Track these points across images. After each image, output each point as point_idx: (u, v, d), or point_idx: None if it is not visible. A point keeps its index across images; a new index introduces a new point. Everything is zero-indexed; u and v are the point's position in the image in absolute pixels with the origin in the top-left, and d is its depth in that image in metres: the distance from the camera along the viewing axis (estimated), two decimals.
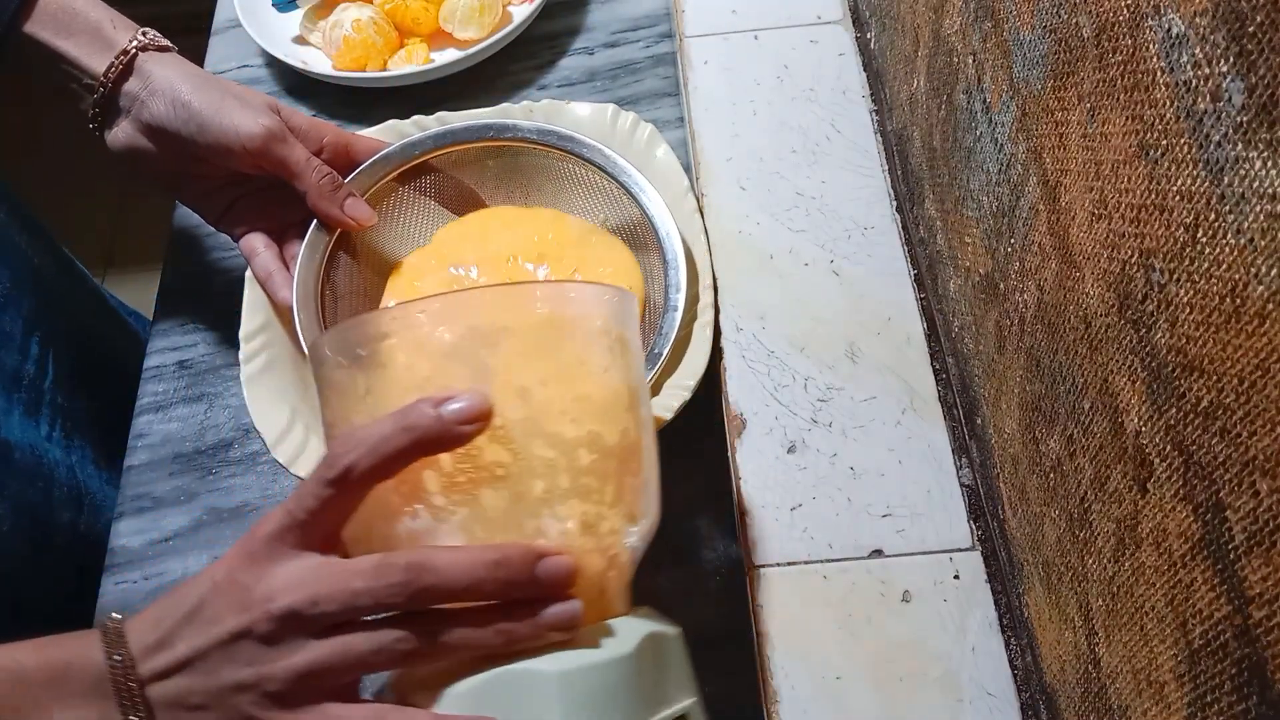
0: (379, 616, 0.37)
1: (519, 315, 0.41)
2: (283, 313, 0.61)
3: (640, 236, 0.64)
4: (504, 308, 0.41)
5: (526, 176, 0.67)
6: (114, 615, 0.39)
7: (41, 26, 0.58)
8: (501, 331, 0.40)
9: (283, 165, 0.59)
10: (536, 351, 0.41)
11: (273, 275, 0.61)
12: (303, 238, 0.61)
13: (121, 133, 0.60)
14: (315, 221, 0.61)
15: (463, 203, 0.68)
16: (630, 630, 0.40)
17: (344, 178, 0.62)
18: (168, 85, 0.58)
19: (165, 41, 0.61)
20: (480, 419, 0.37)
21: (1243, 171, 0.28)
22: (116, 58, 0.58)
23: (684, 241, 0.62)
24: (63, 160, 1.65)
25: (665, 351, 0.58)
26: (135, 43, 0.59)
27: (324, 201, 0.59)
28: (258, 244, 0.62)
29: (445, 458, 0.38)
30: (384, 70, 0.77)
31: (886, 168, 0.68)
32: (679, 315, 0.59)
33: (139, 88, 0.58)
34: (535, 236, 0.64)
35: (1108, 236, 0.37)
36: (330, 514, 0.38)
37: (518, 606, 0.37)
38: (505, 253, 0.64)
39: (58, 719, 0.37)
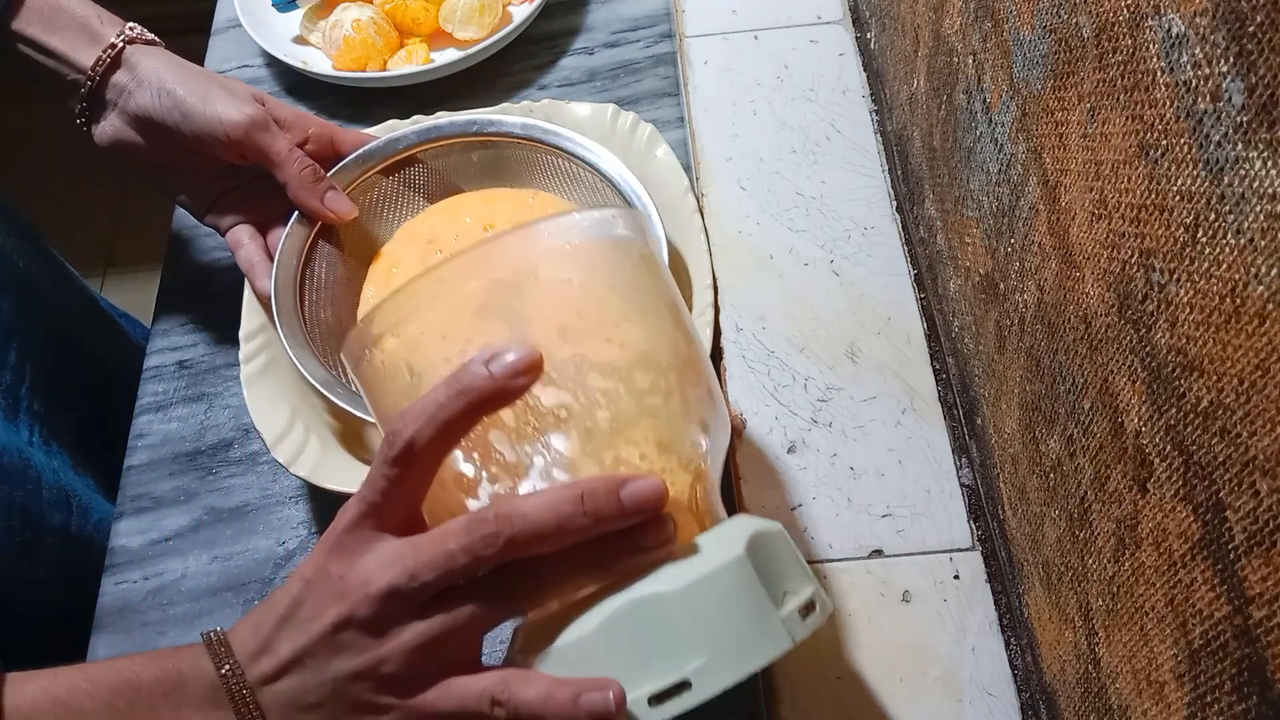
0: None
1: (536, 255, 0.40)
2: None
3: None
4: (519, 252, 0.40)
5: (511, 171, 0.67)
6: (215, 629, 0.39)
7: (29, 23, 0.58)
8: (525, 277, 0.40)
9: (264, 155, 0.59)
10: (564, 287, 0.40)
11: (255, 266, 0.61)
12: None
13: (109, 126, 0.60)
14: (296, 213, 0.61)
15: (447, 196, 0.68)
16: (733, 534, 0.39)
17: (329, 170, 0.62)
18: (154, 75, 0.58)
19: (152, 35, 0.61)
20: (531, 369, 0.37)
21: (1243, 171, 0.28)
22: (104, 51, 0.58)
23: (676, 248, 0.62)
24: (62, 161, 1.65)
25: None
26: (122, 36, 0.59)
27: (304, 193, 0.60)
28: (243, 235, 0.62)
29: (507, 414, 0.38)
30: (384, 70, 0.77)
31: (886, 168, 0.68)
32: None
33: (126, 80, 0.59)
34: (515, 209, 0.65)
35: (1108, 236, 0.37)
36: (403, 492, 0.37)
37: (614, 538, 0.37)
38: (484, 224, 0.64)
39: None
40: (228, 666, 0.37)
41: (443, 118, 0.67)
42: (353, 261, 0.65)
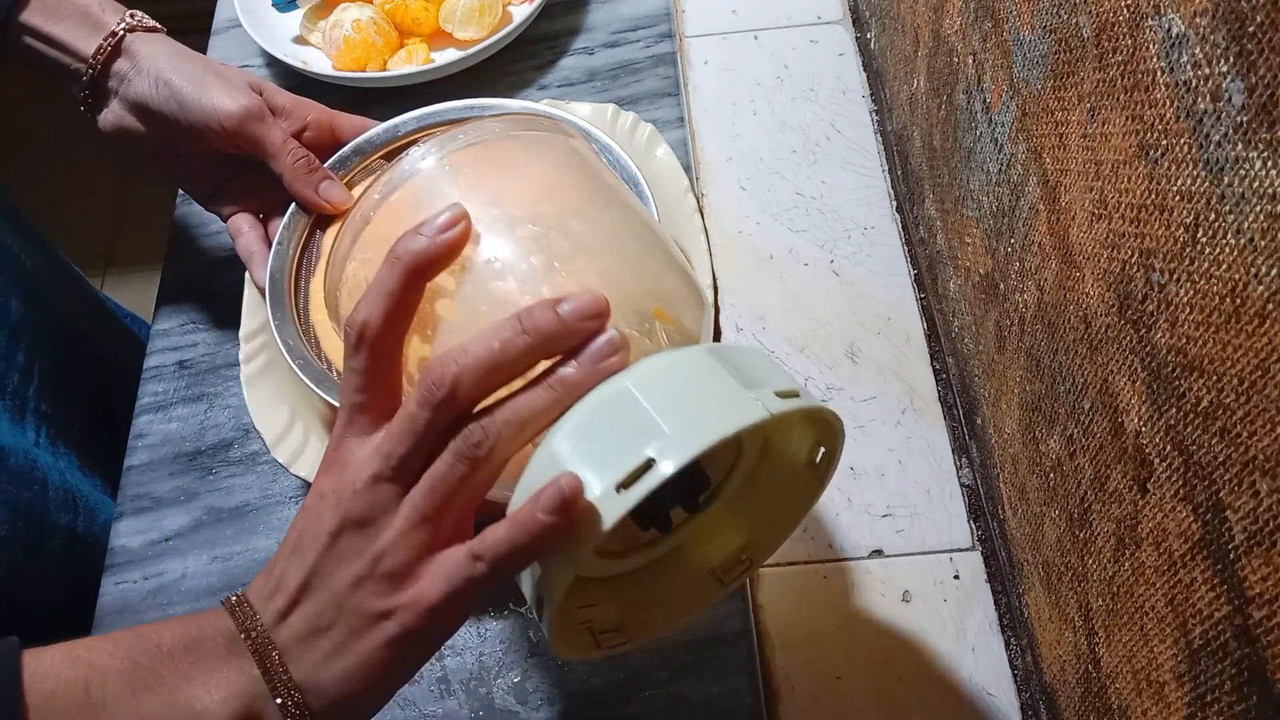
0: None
1: (446, 150, 0.44)
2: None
3: None
4: (427, 152, 0.44)
5: None
6: (235, 593, 0.39)
7: (34, 14, 0.59)
8: (456, 170, 0.43)
9: (259, 145, 0.59)
10: (486, 161, 0.44)
11: (254, 255, 0.61)
12: None
13: (110, 113, 0.60)
14: (294, 202, 0.61)
15: None
16: (702, 344, 0.39)
17: (329, 156, 0.62)
18: (152, 64, 0.59)
19: (153, 23, 0.61)
20: (458, 219, 0.38)
21: (1243, 171, 0.28)
22: (105, 39, 0.59)
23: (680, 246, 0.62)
24: (62, 160, 1.65)
25: None
26: (123, 24, 0.59)
27: (298, 184, 0.60)
28: (243, 224, 0.62)
29: (447, 281, 0.39)
30: (384, 70, 0.77)
31: (886, 168, 0.68)
32: None
33: (127, 67, 0.59)
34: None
35: (1108, 236, 0.37)
36: (376, 382, 0.37)
37: (567, 361, 0.37)
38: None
39: (199, 682, 0.37)
40: (248, 621, 0.37)
41: (444, 104, 0.67)
42: None
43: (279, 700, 0.36)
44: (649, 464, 0.33)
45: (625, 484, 0.34)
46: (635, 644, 0.44)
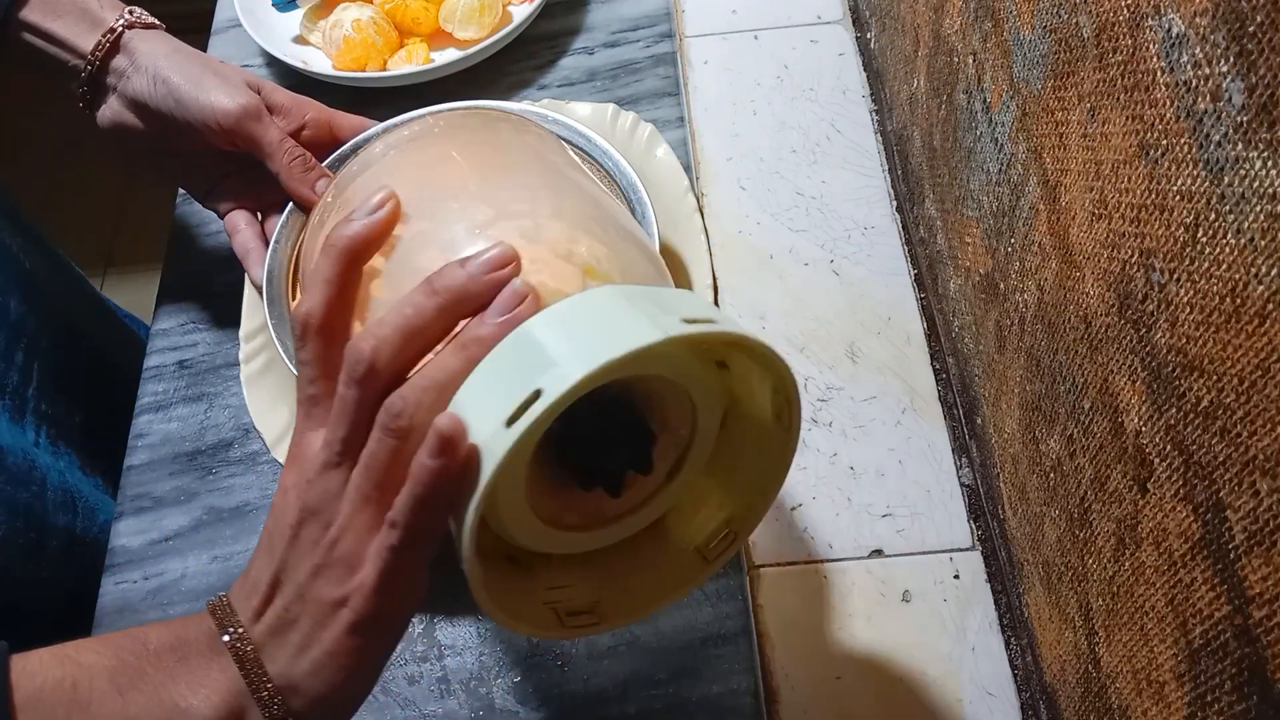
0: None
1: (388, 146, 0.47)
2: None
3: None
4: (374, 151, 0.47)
5: None
6: (220, 594, 0.39)
7: (33, 10, 0.59)
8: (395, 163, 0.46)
9: (255, 144, 0.59)
10: (427, 150, 0.47)
11: (250, 253, 0.61)
12: None
13: (109, 110, 0.60)
14: (292, 201, 0.61)
15: None
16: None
17: (328, 155, 0.62)
18: (150, 61, 0.59)
19: (152, 19, 0.61)
20: (385, 200, 0.40)
21: (1243, 171, 0.28)
22: (104, 35, 0.59)
23: (675, 248, 0.62)
24: (62, 160, 1.65)
25: None
26: (122, 20, 0.60)
27: (294, 182, 0.60)
28: (240, 221, 0.62)
29: (380, 262, 0.41)
30: (384, 70, 0.77)
31: (886, 168, 0.68)
32: None
33: (125, 64, 0.59)
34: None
35: (1108, 236, 0.37)
36: (328, 371, 0.37)
37: (481, 318, 0.36)
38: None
39: (184, 680, 0.37)
40: (225, 618, 0.38)
41: (443, 105, 0.67)
42: None
43: (258, 696, 0.36)
44: (536, 395, 0.32)
45: (513, 418, 0.33)
46: (609, 626, 0.42)
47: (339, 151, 0.63)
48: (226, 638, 0.37)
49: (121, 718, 0.36)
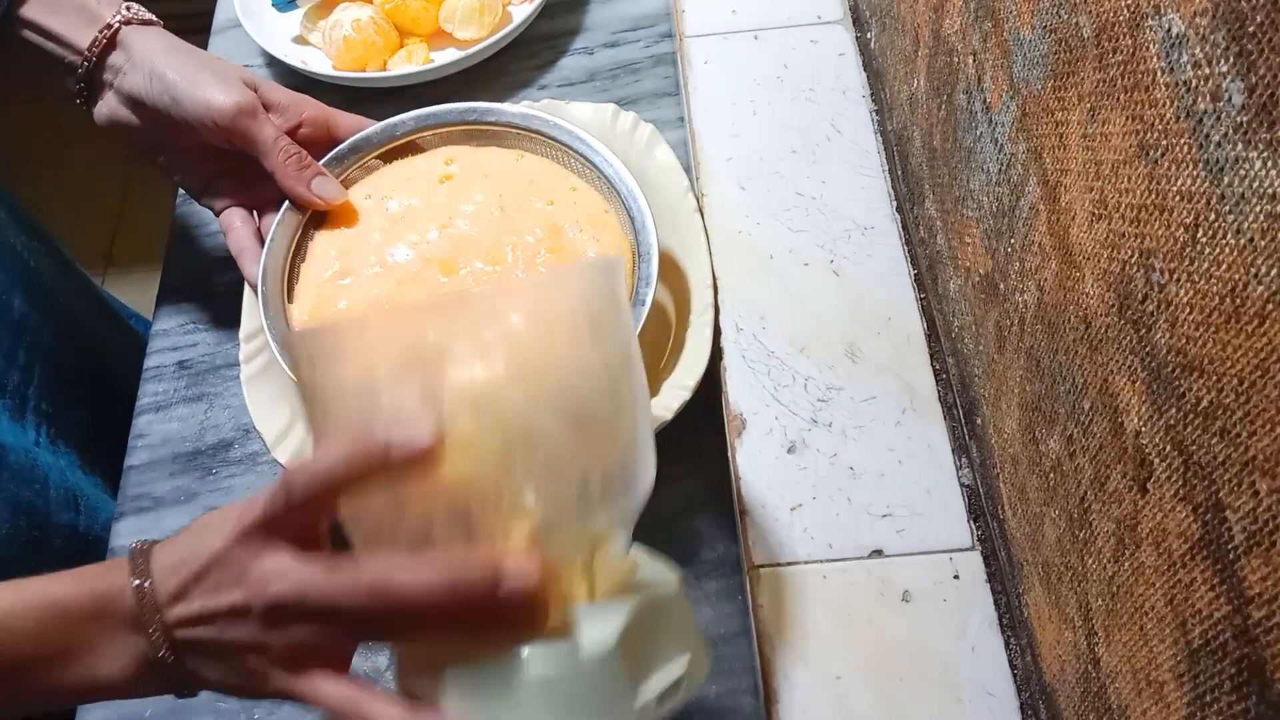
0: None
1: (466, 330, 0.38)
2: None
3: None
4: (450, 329, 0.38)
5: None
6: (142, 541, 0.41)
7: (31, 7, 0.59)
8: (451, 349, 0.37)
9: (251, 141, 0.59)
10: (490, 358, 0.37)
11: (245, 251, 0.61)
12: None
13: (105, 106, 0.60)
14: (288, 200, 0.61)
15: None
16: (615, 611, 0.38)
17: (326, 154, 0.62)
18: (146, 58, 0.59)
19: (149, 15, 0.61)
20: (425, 459, 0.35)
21: (1243, 171, 0.28)
22: (100, 31, 0.59)
23: (671, 250, 0.61)
24: (63, 160, 1.65)
25: None
26: (119, 17, 0.60)
27: (289, 180, 0.59)
28: (235, 219, 0.62)
29: None
30: (384, 70, 0.77)
31: (886, 168, 0.68)
32: (646, 310, 0.57)
33: (122, 60, 0.59)
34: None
35: (1108, 236, 0.37)
36: (294, 520, 0.39)
37: (488, 613, 0.37)
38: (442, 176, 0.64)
39: (103, 652, 0.39)
40: (142, 582, 0.39)
41: (442, 105, 0.67)
42: None
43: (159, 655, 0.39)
44: None
45: None
46: None
47: (336, 150, 0.63)
48: (144, 620, 0.39)
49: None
